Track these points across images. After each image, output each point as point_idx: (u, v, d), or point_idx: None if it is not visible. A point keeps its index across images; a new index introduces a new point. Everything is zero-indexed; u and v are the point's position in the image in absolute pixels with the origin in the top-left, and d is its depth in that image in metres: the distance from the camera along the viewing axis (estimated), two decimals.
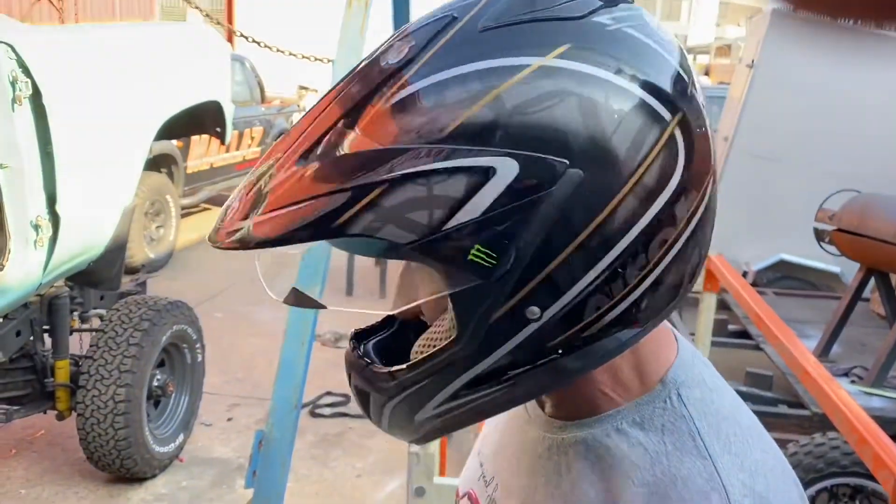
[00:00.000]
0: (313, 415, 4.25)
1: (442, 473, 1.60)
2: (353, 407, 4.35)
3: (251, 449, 3.06)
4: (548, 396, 0.71)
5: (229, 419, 4.18)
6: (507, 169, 0.54)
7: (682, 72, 0.59)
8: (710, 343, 3.31)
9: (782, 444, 2.95)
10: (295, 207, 0.55)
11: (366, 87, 0.57)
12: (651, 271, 0.59)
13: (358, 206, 0.54)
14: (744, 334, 4.43)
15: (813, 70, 5.54)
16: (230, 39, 10.59)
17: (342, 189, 0.55)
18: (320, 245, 3.03)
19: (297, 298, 0.70)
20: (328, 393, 4.47)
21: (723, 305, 4.56)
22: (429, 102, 0.55)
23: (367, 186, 0.54)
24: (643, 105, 0.56)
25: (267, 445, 3.04)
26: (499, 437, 0.80)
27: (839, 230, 3.91)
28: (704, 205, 0.60)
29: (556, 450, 0.69)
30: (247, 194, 0.58)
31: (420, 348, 0.65)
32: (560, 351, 0.59)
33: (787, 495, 0.63)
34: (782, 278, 5.67)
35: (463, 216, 0.55)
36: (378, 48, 0.61)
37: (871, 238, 3.65)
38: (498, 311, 0.58)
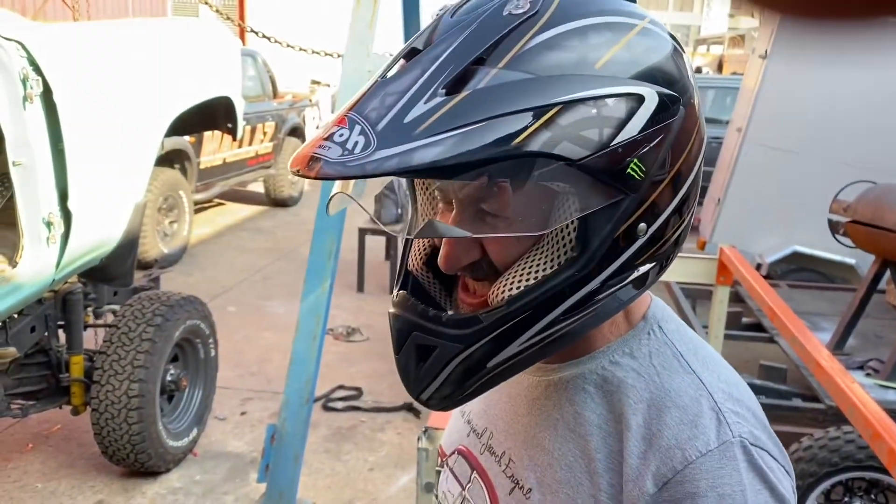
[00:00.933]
0: (326, 408, 4.26)
1: None
2: (366, 400, 4.37)
3: (264, 443, 3.08)
4: None
5: (243, 413, 4.20)
6: (651, 98, 0.66)
7: None
8: (723, 336, 3.28)
9: (796, 437, 2.92)
10: (467, 129, 0.59)
11: (496, 31, 0.63)
12: (695, 200, 0.73)
13: (537, 124, 0.60)
14: (757, 327, 4.40)
15: (827, 60, 5.47)
16: (242, 35, 10.62)
17: (520, 110, 0.60)
18: (329, 236, 3.04)
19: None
20: (341, 386, 4.48)
21: (736, 298, 4.53)
22: (573, 42, 0.64)
23: (544, 107, 0.61)
24: (692, 70, 0.72)
25: (279, 439, 3.05)
26: (487, 395, 0.83)
27: (854, 221, 3.87)
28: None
29: (553, 388, 0.77)
30: (371, 126, 0.60)
31: (514, 285, 0.68)
32: (639, 270, 0.70)
33: (753, 401, 0.75)
34: (796, 270, 5.63)
35: (625, 134, 0.64)
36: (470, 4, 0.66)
37: (886, 229, 3.61)
38: (622, 226, 0.67)
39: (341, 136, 0.60)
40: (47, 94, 2.60)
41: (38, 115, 2.58)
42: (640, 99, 0.65)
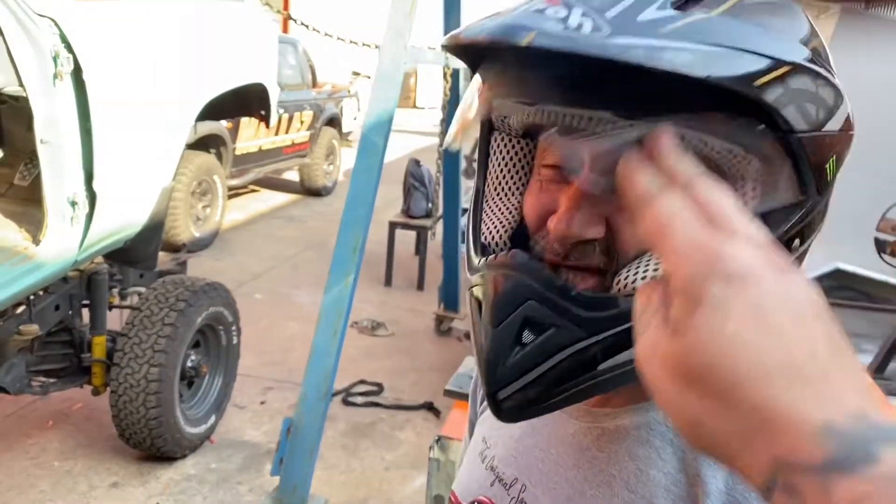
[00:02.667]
0: (345, 403, 4.22)
1: None
2: (386, 397, 4.32)
3: (279, 436, 3.04)
4: None
5: (262, 402, 4.17)
6: (846, 99, 0.59)
7: None
8: None
9: None
10: (717, 49, 0.51)
11: None
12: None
13: (774, 74, 0.52)
14: None
15: (882, 70, 5.28)
16: (284, 23, 10.63)
17: (762, 54, 0.53)
18: (355, 231, 2.99)
19: None
20: (362, 381, 4.43)
21: None
22: (788, 13, 0.58)
23: (781, 61, 0.53)
24: None
25: (295, 434, 3.01)
26: (515, 438, 0.73)
27: None
28: None
29: (608, 438, 0.63)
30: (601, 14, 0.49)
31: (653, 272, 0.54)
32: None
33: None
34: (837, 288, 5.44)
35: (833, 124, 0.57)
36: None
37: None
38: (789, 234, 0.57)
39: (558, 13, 0.49)
40: (77, 73, 2.57)
41: (67, 93, 2.55)
42: (840, 94, 0.58)
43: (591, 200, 0.56)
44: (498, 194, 0.67)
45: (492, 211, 0.66)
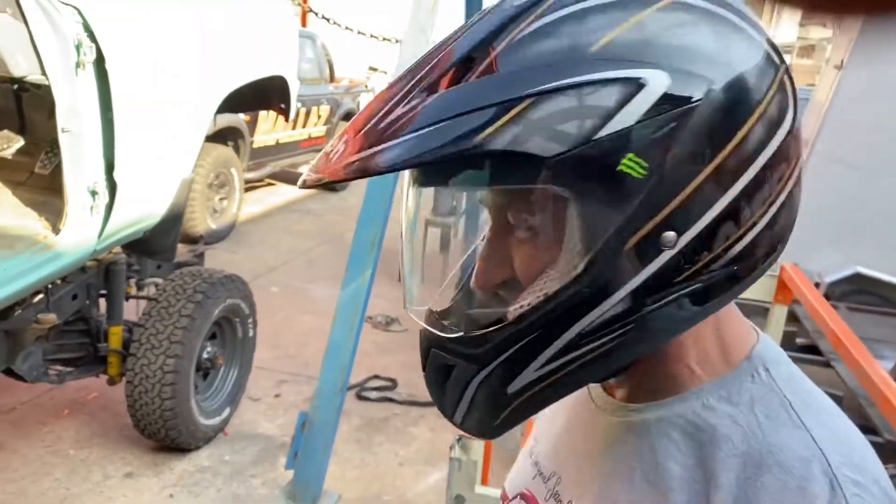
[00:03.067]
0: (359, 397, 4.21)
1: (484, 482, 1.51)
2: (400, 392, 4.31)
3: (295, 430, 3.03)
4: (626, 379, 0.69)
5: (277, 395, 4.17)
6: (657, 80, 0.55)
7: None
8: None
9: None
10: (429, 129, 0.55)
11: (495, 22, 0.58)
12: (769, 208, 0.60)
13: (502, 120, 0.54)
14: (812, 349, 4.20)
15: None
16: (303, 17, 10.63)
17: (484, 106, 0.54)
18: (372, 227, 2.98)
19: None
20: (376, 376, 4.43)
21: (791, 317, 4.34)
22: (571, 28, 0.57)
23: (512, 101, 0.54)
24: (762, 47, 0.60)
25: (310, 428, 3.00)
26: (556, 434, 0.79)
27: None
28: (800, 166, 0.63)
29: (632, 432, 0.68)
30: (355, 134, 0.57)
31: (525, 301, 0.61)
32: (686, 287, 0.59)
33: (880, 470, 0.62)
34: (856, 292, 5.38)
35: (616, 125, 0.55)
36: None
37: None
38: (635, 235, 0.57)
39: (331, 146, 0.59)
40: (100, 62, 2.57)
41: (89, 82, 2.55)
42: (638, 84, 0.55)
43: (496, 247, 0.65)
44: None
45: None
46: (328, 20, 3.89)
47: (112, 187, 2.73)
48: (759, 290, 3.24)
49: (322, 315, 5.02)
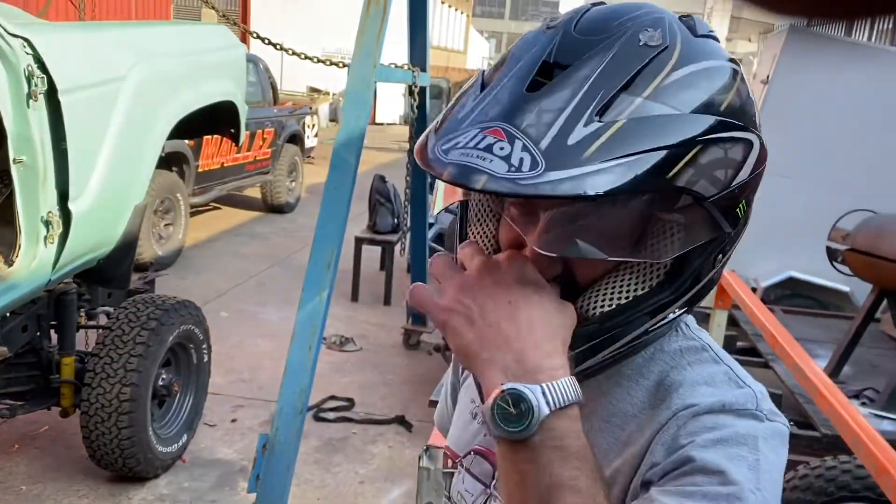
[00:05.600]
0: (317, 419, 4.22)
1: None
2: (358, 411, 4.34)
3: (255, 452, 3.04)
4: None
5: (233, 420, 4.16)
6: (756, 143, 0.71)
7: None
8: None
9: (791, 465, 2.91)
10: (632, 158, 0.63)
11: (636, 60, 0.67)
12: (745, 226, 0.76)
13: (684, 161, 0.65)
14: (752, 351, 4.39)
15: (829, 87, 5.50)
16: (244, 40, 10.61)
17: (671, 146, 0.64)
18: (328, 247, 3.03)
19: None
20: (332, 397, 4.45)
21: (731, 321, 4.52)
22: (702, 83, 0.68)
23: (689, 144, 0.65)
24: None
25: (271, 450, 3.02)
26: None
27: (852, 250, 3.88)
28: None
29: (583, 385, 0.78)
30: (536, 145, 0.63)
31: (602, 302, 0.72)
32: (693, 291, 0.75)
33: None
34: (790, 296, 5.63)
35: (741, 176, 0.70)
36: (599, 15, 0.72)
37: (884, 259, 3.62)
38: (710, 257, 0.73)
39: (502, 149, 0.63)
40: (52, 93, 2.58)
41: (41, 113, 2.55)
42: (750, 144, 0.70)
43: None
44: (477, 230, 0.84)
45: (475, 236, 0.83)
46: (275, 46, 3.93)
47: (66, 216, 2.72)
48: None
49: (275, 338, 5.02)
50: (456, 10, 33.50)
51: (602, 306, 0.72)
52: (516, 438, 0.63)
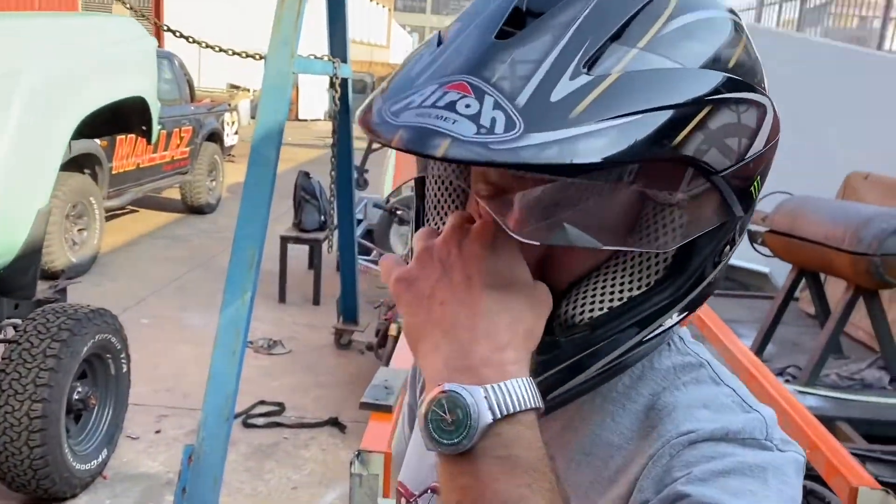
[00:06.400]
0: (246, 425, 4.09)
1: (386, 494, 1.51)
2: (288, 416, 4.22)
3: (181, 464, 2.90)
4: None
5: (157, 431, 3.99)
6: (770, 108, 0.59)
7: None
8: None
9: None
10: (628, 120, 0.50)
11: (625, 6, 0.56)
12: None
13: (692, 125, 0.53)
14: None
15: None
16: (158, 35, 10.26)
17: (676, 105, 0.52)
18: (250, 247, 2.91)
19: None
20: (261, 402, 4.31)
21: None
22: (706, 35, 0.57)
23: (698, 104, 0.53)
24: None
25: (197, 460, 2.89)
26: None
27: (772, 231, 3.97)
28: None
29: (560, 410, 0.68)
30: (511, 101, 0.50)
31: (590, 305, 0.60)
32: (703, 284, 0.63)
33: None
34: None
35: (756, 146, 0.58)
36: None
37: (802, 239, 3.71)
38: (718, 248, 0.60)
39: (469, 107, 0.50)
40: None
41: None
42: (764, 109, 0.59)
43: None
44: (438, 213, 0.70)
45: (435, 224, 0.70)
46: (187, 39, 3.76)
47: None
48: None
49: (199, 343, 4.84)
50: (377, 3, 33.29)
51: (591, 310, 0.59)
52: (450, 452, 0.52)
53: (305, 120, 20.33)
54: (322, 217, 6.08)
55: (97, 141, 6.43)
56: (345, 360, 5.08)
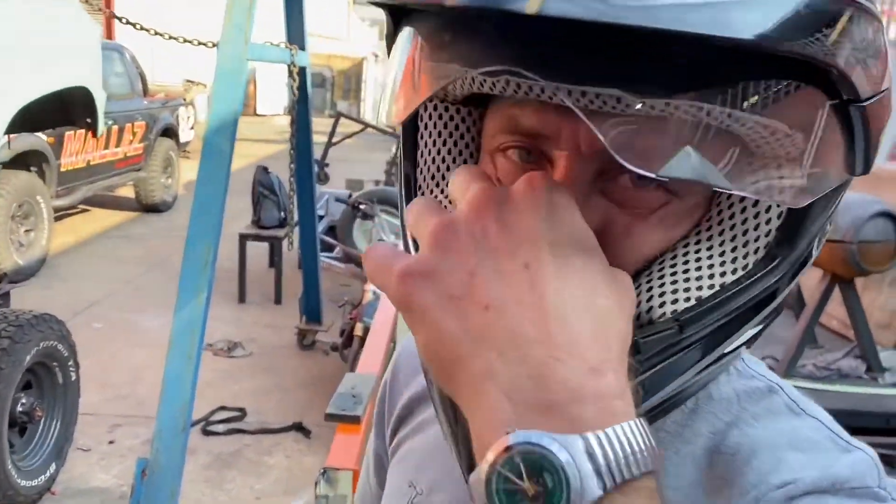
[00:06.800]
0: (205, 433, 3.90)
1: None
2: (250, 421, 4.03)
3: (134, 479, 2.72)
4: None
5: (111, 442, 3.78)
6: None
7: None
8: None
9: None
10: None
11: None
12: None
13: (842, 22, 0.38)
14: None
15: None
16: (109, 26, 9.91)
17: None
18: (204, 244, 2.73)
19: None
20: (222, 407, 4.12)
21: None
22: None
23: (838, 2, 0.38)
24: None
25: (152, 474, 2.71)
26: (429, 452, 0.62)
27: None
28: None
29: None
30: None
31: (670, 294, 0.43)
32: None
33: None
34: None
35: (886, 81, 0.43)
36: None
37: None
38: (827, 217, 0.46)
39: None
40: None
41: None
42: (884, 39, 0.43)
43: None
44: (437, 182, 0.52)
45: (433, 193, 0.52)
46: (135, 25, 3.55)
47: None
48: None
49: (155, 347, 4.62)
50: None
51: (674, 300, 0.43)
52: None
53: (264, 115, 19.98)
54: (282, 213, 5.88)
55: (42, 136, 6.13)
56: (308, 361, 4.90)
